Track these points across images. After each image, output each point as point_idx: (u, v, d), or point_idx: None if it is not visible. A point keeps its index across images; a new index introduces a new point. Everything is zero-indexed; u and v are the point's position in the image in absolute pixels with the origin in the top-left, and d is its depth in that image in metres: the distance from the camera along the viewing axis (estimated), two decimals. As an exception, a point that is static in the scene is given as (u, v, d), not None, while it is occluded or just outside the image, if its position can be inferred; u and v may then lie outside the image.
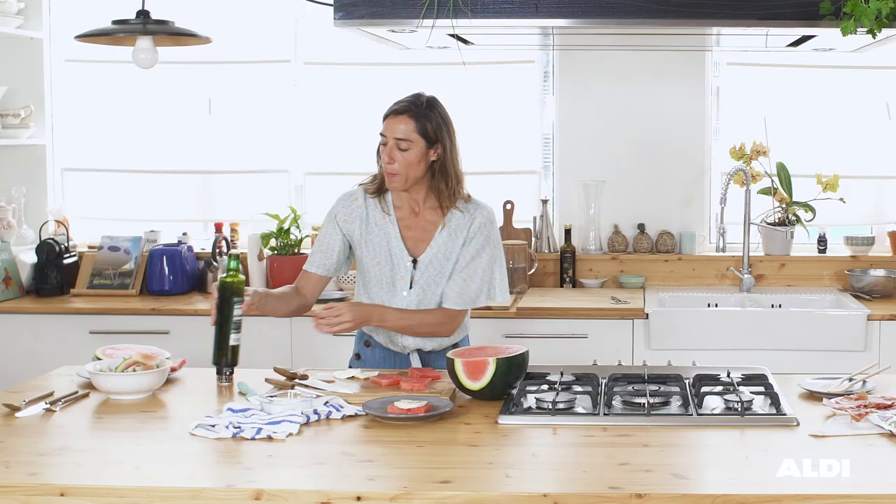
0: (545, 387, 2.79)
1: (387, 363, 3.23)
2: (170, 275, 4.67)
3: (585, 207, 4.85)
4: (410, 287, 3.14)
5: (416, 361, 3.20)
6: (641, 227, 4.86)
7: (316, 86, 4.99)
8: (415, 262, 3.14)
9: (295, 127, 5.02)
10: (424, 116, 3.06)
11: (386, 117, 3.09)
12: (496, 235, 3.19)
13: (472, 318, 4.25)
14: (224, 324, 2.82)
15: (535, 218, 4.88)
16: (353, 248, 3.20)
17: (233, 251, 2.83)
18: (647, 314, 4.18)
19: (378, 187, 3.17)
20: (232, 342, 2.81)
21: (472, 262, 3.14)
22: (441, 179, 3.11)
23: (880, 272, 4.59)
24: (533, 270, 4.72)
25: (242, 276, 2.84)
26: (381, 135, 3.09)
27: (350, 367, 3.26)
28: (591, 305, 4.30)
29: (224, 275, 2.85)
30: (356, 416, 2.59)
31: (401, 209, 3.17)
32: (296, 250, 4.79)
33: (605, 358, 3.37)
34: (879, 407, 2.52)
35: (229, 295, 2.82)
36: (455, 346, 3.24)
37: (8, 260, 4.61)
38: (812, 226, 4.80)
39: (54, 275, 4.67)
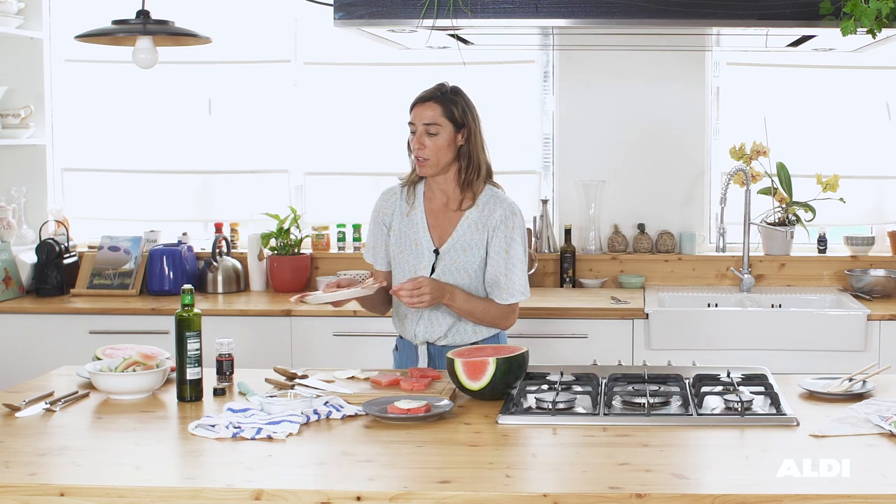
0: (545, 387, 2.79)
1: (411, 355, 3.27)
2: (170, 275, 4.68)
3: (585, 207, 4.85)
4: (431, 275, 3.18)
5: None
6: (641, 227, 4.85)
7: (316, 86, 4.98)
8: (437, 252, 3.19)
9: (295, 127, 5.02)
10: (450, 101, 3.14)
11: (413, 106, 3.16)
12: (522, 228, 3.22)
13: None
14: (181, 358, 2.78)
15: (535, 218, 4.88)
16: (389, 238, 3.28)
17: (186, 286, 2.78)
18: (647, 314, 4.18)
19: (412, 178, 3.26)
20: (190, 377, 2.77)
21: (507, 255, 3.17)
22: (464, 167, 3.16)
23: (880, 272, 4.59)
24: (533, 270, 4.72)
25: (198, 311, 2.80)
26: (410, 123, 3.16)
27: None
28: (591, 305, 4.30)
29: (179, 310, 2.81)
30: (356, 416, 2.59)
31: (432, 200, 3.23)
32: (296, 250, 4.78)
33: (605, 358, 3.37)
34: None
35: (184, 330, 2.77)
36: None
37: (8, 260, 4.61)
38: (812, 226, 4.80)
39: (54, 275, 4.67)
